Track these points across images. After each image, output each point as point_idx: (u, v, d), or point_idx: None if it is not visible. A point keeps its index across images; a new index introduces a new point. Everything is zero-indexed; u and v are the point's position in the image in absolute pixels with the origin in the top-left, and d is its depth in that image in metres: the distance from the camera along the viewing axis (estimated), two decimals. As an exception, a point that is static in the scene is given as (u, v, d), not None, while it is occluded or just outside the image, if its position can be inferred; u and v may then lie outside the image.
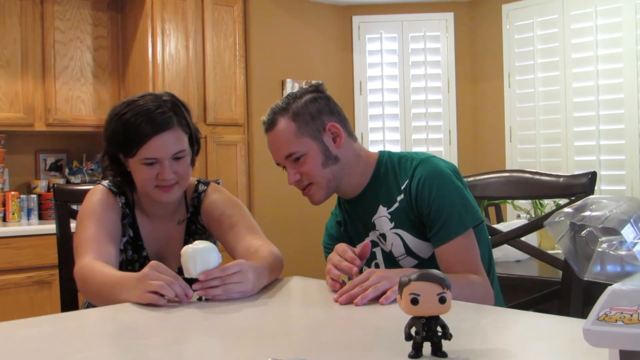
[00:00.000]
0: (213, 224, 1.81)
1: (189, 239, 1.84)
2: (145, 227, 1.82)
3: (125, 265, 1.78)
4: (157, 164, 1.68)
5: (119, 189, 1.81)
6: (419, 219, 1.62)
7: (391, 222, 1.65)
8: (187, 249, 1.46)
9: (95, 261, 1.60)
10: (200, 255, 1.44)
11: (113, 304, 1.47)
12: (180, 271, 1.66)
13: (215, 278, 1.43)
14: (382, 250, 1.69)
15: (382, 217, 1.67)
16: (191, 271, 1.44)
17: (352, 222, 1.77)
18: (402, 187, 1.64)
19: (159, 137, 1.66)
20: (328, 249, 1.79)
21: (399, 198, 1.65)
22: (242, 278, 1.45)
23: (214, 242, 1.91)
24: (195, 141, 1.80)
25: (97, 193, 1.79)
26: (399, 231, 1.65)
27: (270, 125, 1.68)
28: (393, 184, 1.67)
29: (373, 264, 1.71)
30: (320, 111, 1.67)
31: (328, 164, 1.66)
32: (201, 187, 1.87)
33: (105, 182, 1.82)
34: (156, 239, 1.83)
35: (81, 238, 1.69)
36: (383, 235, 1.67)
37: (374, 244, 1.70)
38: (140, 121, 1.65)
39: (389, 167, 1.70)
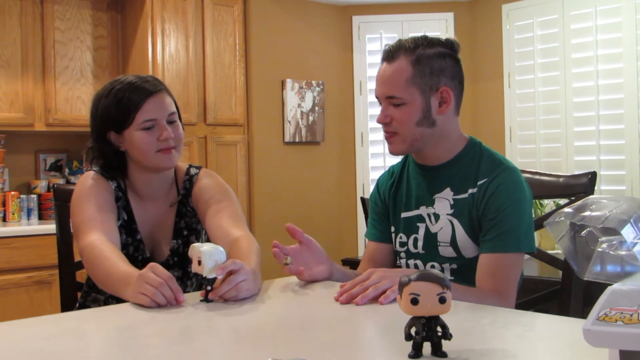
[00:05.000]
0: (200, 207, 1.82)
1: (179, 221, 1.86)
2: (138, 209, 1.84)
3: (120, 249, 1.79)
4: (155, 127, 1.73)
5: (109, 174, 1.82)
6: (479, 219, 1.59)
7: (451, 209, 1.63)
8: (201, 247, 1.45)
9: (102, 240, 1.63)
10: (209, 257, 1.44)
11: (115, 296, 1.53)
12: (174, 262, 1.66)
13: (225, 282, 1.43)
14: (427, 229, 1.66)
15: (445, 200, 1.64)
16: (203, 270, 1.44)
17: (408, 186, 1.73)
18: (479, 183, 1.60)
19: (152, 99, 1.73)
20: (374, 203, 1.81)
21: (470, 190, 1.61)
22: (246, 275, 1.45)
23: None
24: (179, 117, 1.84)
25: (89, 177, 1.81)
26: (454, 220, 1.62)
27: (389, 57, 1.63)
28: (471, 175, 1.63)
29: (412, 238, 1.69)
30: (443, 71, 1.62)
31: (423, 124, 1.61)
32: (193, 171, 1.89)
33: (95, 168, 1.83)
34: (149, 221, 1.85)
35: (82, 217, 1.71)
36: (436, 216, 1.65)
37: (420, 219, 1.67)
38: (130, 90, 1.72)
39: (475, 157, 1.65)
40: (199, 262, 1.43)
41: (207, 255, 1.43)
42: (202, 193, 1.83)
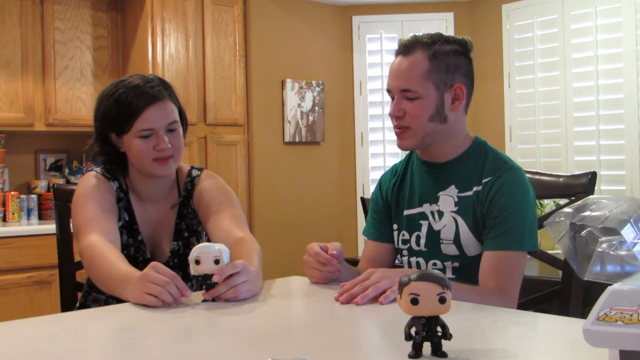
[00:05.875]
0: (202, 208, 1.82)
1: (180, 222, 1.86)
2: (140, 210, 1.84)
3: (120, 249, 1.78)
4: (153, 136, 1.71)
5: (111, 174, 1.82)
6: (483, 217, 1.60)
7: (455, 206, 1.63)
8: (214, 246, 1.45)
9: (102, 240, 1.62)
10: (226, 255, 1.44)
11: (115, 296, 1.52)
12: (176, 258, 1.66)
13: (224, 283, 1.43)
14: (430, 226, 1.67)
15: (449, 197, 1.64)
16: (203, 269, 1.44)
17: (412, 184, 1.74)
18: (484, 181, 1.61)
19: (152, 108, 1.70)
20: (375, 202, 1.81)
21: (475, 189, 1.62)
22: (247, 277, 1.45)
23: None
24: (184, 119, 1.83)
25: (91, 178, 1.80)
26: (458, 218, 1.62)
27: (405, 50, 1.63)
28: (476, 173, 1.63)
29: (415, 235, 1.69)
30: (458, 68, 1.63)
31: (435, 119, 1.62)
32: (194, 172, 1.89)
33: (97, 169, 1.83)
34: (150, 222, 1.85)
35: (82, 217, 1.71)
36: (440, 213, 1.65)
37: (423, 216, 1.68)
38: (132, 95, 1.70)
39: (481, 156, 1.66)
40: (217, 261, 1.43)
41: (225, 254, 1.44)
42: (204, 195, 1.83)
